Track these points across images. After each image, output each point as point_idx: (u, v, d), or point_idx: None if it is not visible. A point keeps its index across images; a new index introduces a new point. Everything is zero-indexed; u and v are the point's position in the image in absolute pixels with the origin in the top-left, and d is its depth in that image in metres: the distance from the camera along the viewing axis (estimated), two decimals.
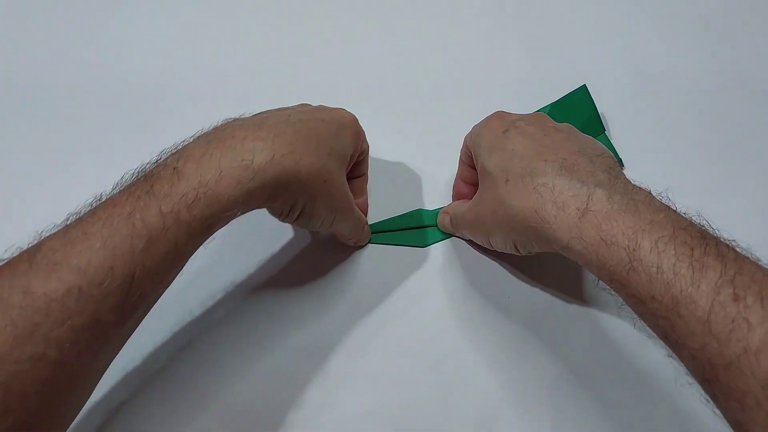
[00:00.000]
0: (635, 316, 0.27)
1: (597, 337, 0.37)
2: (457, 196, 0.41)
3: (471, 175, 0.39)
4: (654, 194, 0.29)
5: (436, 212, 0.41)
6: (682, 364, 0.25)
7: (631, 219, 0.26)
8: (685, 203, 0.40)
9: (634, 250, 0.26)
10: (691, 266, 0.24)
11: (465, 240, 0.40)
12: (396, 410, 0.36)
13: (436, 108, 0.45)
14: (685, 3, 0.50)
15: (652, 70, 0.47)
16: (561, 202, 0.29)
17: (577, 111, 0.43)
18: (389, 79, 0.47)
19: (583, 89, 0.44)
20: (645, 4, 0.51)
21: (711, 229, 0.26)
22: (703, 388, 0.25)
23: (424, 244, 0.41)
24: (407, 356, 0.37)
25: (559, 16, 0.50)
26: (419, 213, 0.41)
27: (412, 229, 0.41)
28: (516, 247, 0.33)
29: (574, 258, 0.29)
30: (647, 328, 0.36)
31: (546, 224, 0.29)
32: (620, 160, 0.43)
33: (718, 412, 0.34)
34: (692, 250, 0.25)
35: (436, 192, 0.42)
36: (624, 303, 0.27)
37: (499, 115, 0.36)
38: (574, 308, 0.38)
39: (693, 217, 0.27)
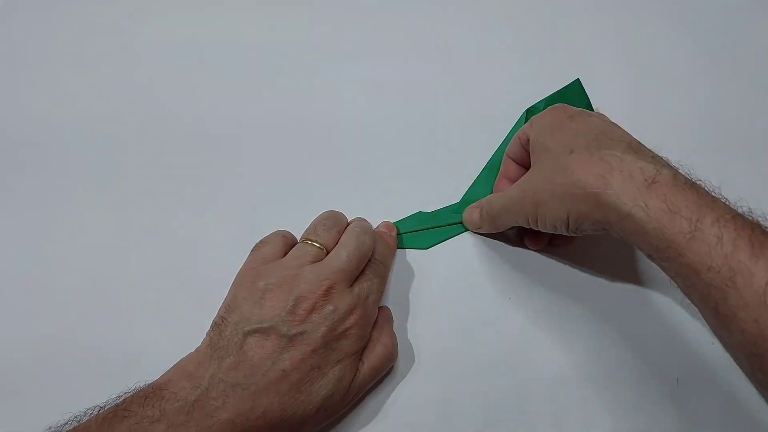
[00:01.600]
0: (678, 288, 0.28)
1: (597, 338, 0.37)
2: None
3: (517, 173, 0.38)
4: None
5: (435, 214, 0.41)
6: (727, 341, 0.27)
7: (695, 196, 0.28)
8: None
9: (697, 220, 0.27)
10: (750, 242, 0.25)
11: (464, 241, 0.40)
12: (396, 411, 0.36)
13: (434, 108, 0.45)
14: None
15: (651, 66, 0.47)
16: (628, 172, 0.29)
17: (572, 104, 0.43)
18: (386, 80, 0.46)
19: (577, 83, 0.44)
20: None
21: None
22: (749, 365, 0.26)
23: (425, 247, 0.40)
24: (407, 357, 0.37)
25: (557, 13, 0.49)
26: (419, 216, 0.41)
27: (413, 233, 0.40)
28: (567, 221, 0.32)
29: (630, 228, 0.29)
30: (647, 327, 0.37)
31: (610, 190, 0.29)
32: None
33: (715, 412, 0.34)
34: (751, 230, 0.26)
35: (435, 194, 0.42)
36: (673, 278, 0.28)
37: (563, 107, 0.37)
38: (574, 309, 0.38)
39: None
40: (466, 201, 0.41)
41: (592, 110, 0.44)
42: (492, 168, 0.42)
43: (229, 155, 0.43)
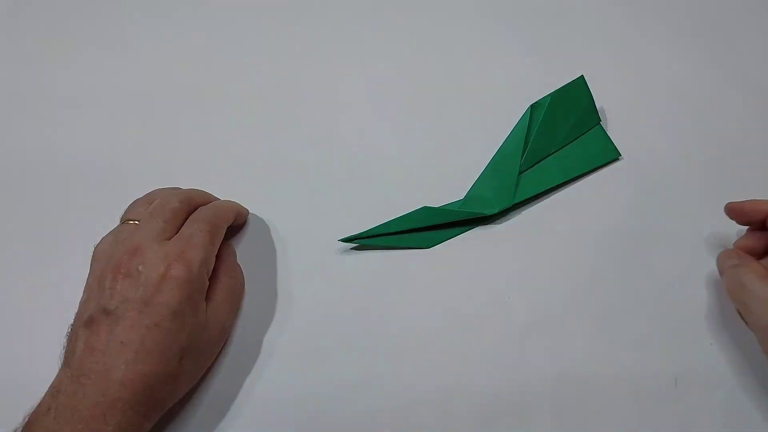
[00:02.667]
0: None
1: (597, 338, 0.37)
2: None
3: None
4: None
5: (441, 210, 0.40)
6: None
7: None
8: (683, 199, 0.40)
9: None
10: None
11: (465, 241, 0.40)
12: (396, 411, 0.35)
13: (438, 105, 0.45)
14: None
15: (651, 66, 0.47)
16: None
17: (576, 101, 0.43)
18: (390, 77, 0.46)
19: (581, 79, 0.43)
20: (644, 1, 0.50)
21: None
22: None
23: (429, 245, 0.40)
24: (407, 357, 0.37)
25: (560, 10, 0.49)
26: (424, 211, 0.40)
27: (416, 232, 0.40)
28: None
29: None
30: (646, 327, 0.37)
31: None
32: (618, 152, 0.43)
33: (714, 412, 0.34)
34: None
35: (439, 190, 0.41)
36: None
37: None
38: (574, 309, 0.38)
39: None
40: (470, 197, 0.41)
41: (594, 106, 0.43)
42: (496, 164, 0.42)
43: (232, 156, 0.43)
